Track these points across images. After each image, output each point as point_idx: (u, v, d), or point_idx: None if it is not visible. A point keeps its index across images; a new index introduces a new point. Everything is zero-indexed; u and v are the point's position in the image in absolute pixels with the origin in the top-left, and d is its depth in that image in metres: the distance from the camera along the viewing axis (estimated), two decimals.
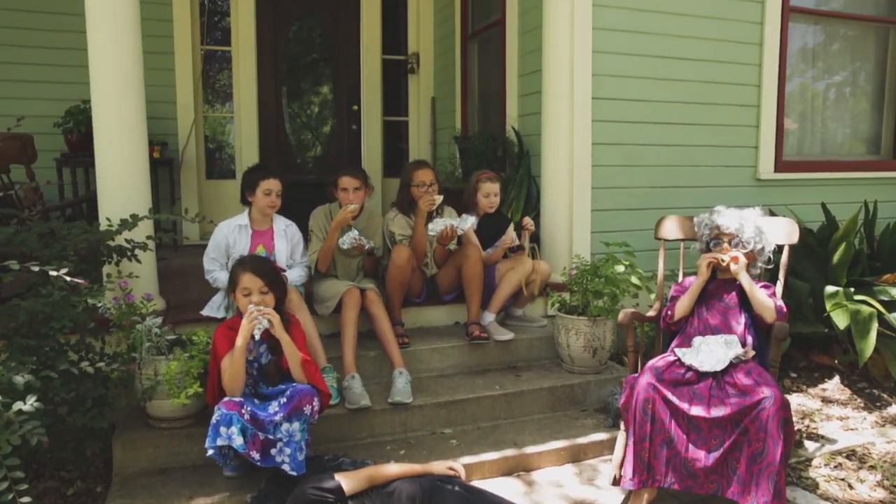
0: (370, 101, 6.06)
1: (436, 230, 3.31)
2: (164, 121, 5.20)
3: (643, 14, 4.09)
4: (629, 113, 4.11)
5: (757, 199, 4.41)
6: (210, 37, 5.62)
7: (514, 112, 4.57)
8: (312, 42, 6.16)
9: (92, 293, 2.40)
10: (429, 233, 3.36)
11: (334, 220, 3.30)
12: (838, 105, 5.05)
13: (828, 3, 4.87)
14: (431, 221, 3.36)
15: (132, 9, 2.98)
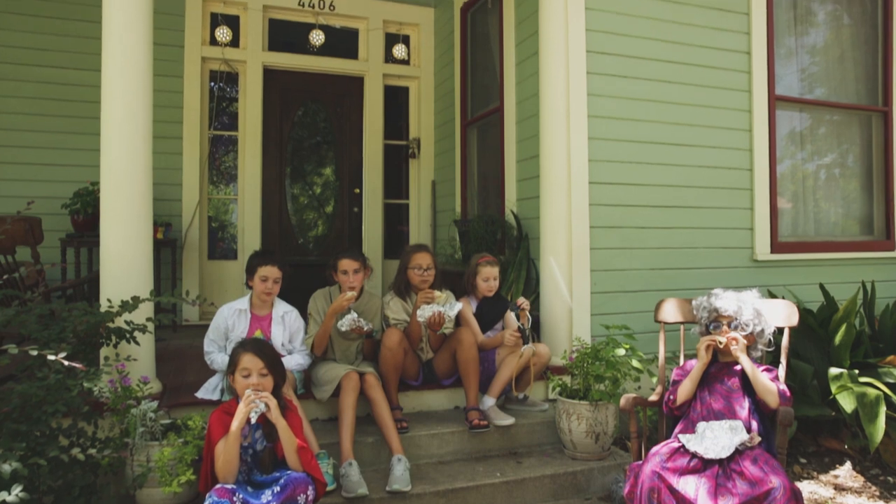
0: (371, 184, 6.20)
1: (424, 316, 3.31)
2: (170, 202, 5.31)
3: (637, 102, 4.24)
4: (626, 197, 4.19)
5: (755, 279, 4.44)
6: (217, 121, 5.82)
7: (512, 196, 4.67)
8: (316, 126, 6.37)
9: (88, 377, 2.38)
10: (417, 318, 3.36)
11: (332, 305, 3.30)
12: (829, 186, 5.17)
13: (812, 91, 5.07)
14: (420, 307, 3.37)
15: (145, 97, 3.11)
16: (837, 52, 5.14)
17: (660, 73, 4.30)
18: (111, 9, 3.07)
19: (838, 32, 5.17)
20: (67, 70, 5.10)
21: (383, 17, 6.21)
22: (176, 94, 5.45)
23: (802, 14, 5.01)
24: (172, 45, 5.42)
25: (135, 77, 3.06)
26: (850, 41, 5.17)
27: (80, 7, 5.10)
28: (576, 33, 3.99)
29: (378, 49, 6.24)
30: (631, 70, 4.21)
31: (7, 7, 5.01)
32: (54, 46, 5.09)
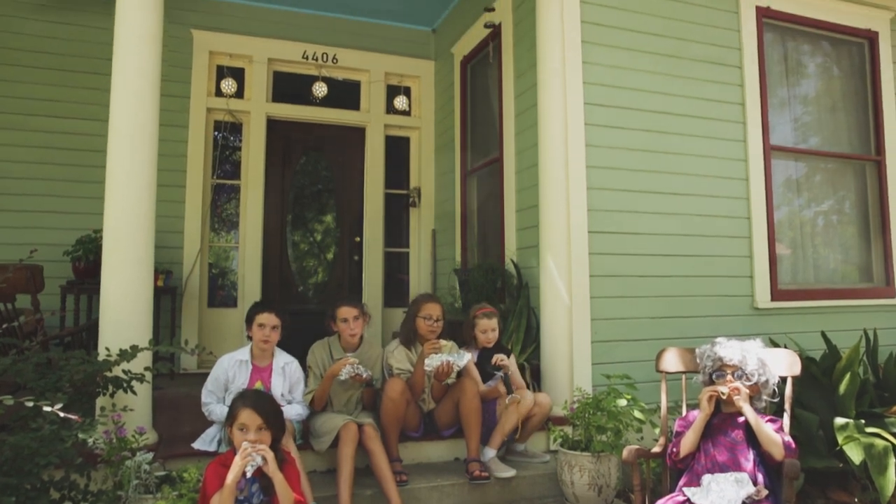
0: (372, 232, 6.24)
1: (432, 366, 3.28)
2: (171, 250, 5.33)
3: (634, 153, 4.31)
4: (625, 245, 4.22)
5: (755, 327, 4.42)
6: (220, 169, 5.89)
7: (512, 245, 4.69)
8: (318, 174, 6.45)
9: (83, 428, 2.35)
10: (424, 368, 3.33)
11: (330, 369, 3.28)
12: (827, 232, 5.20)
13: (806, 140, 5.15)
14: (428, 357, 3.34)
15: (151, 147, 3.16)
16: (829, 102, 5.25)
17: (657, 124, 4.38)
18: (122, 62, 3.15)
19: (829, 84, 5.29)
20: (74, 120, 5.19)
21: (385, 69, 6.36)
22: (180, 144, 5.54)
23: (793, 66, 5.14)
24: (179, 96, 5.54)
25: (141, 128, 3.13)
26: (841, 92, 5.28)
27: (90, 60, 5.23)
28: (573, 86, 4.08)
29: (380, 100, 6.37)
30: (628, 121, 4.30)
31: (18, 60, 5.14)
32: (63, 97, 5.20)
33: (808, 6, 4.99)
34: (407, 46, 6.45)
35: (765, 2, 4.82)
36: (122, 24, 3.20)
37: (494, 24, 4.99)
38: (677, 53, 4.51)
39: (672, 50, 4.50)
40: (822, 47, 5.26)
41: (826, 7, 5.04)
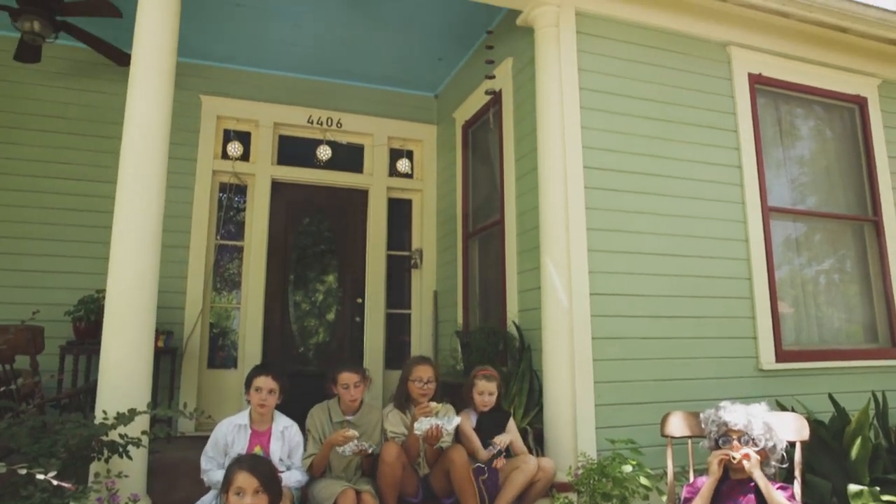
0: (374, 293, 6.23)
1: (421, 429, 3.22)
2: (172, 310, 5.32)
3: (634, 215, 4.35)
4: (627, 307, 4.21)
5: (761, 389, 4.36)
6: (224, 229, 5.95)
7: (514, 307, 4.68)
8: (321, 235, 6.50)
9: (75, 496, 2.29)
10: (414, 431, 3.28)
11: (330, 438, 3.23)
12: (830, 291, 5.18)
13: (803, 201, 5.20)
14: (417, 420, 3.29)
15: (157, 209, 3.22)
16: (824, 163, 5.34)
17: (655, 186, 4.45)
18: (133, 127, 3.24)
19: (823, 146, 5.39)
20: (82, 182, 5.28)
21: (388, 133, 6.50)
22: (185, 205, 5.61)
23: (787, 129, 5.25)
24: (186, 158, 5.65)
25: (149, 190, 3.19)
26: (835, 154, 5.38)
27: (101, 124, 5.36)
28: (573, 150, 4.16)
29: (382, 163, 6.49)
30: (627, 184, 4.36)
31: (31, 124, 5.27)
32: (73, 160, 5.30)
33: (799, 73, 5.14)
34: (410, 111, 6.62)
35: (756, 69, 4.98)
36: (134, 90, 3.30)
37: (495, 91, 5.14)
38: (674, 118, 4.62)
39: (669, 115, 4.61)
40: (814, 111, 5.40)
41: (816, 73, 5.20)
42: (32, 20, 4.48)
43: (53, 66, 5.35)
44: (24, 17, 4.48)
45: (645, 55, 4.63)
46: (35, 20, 4.49)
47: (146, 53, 3.35)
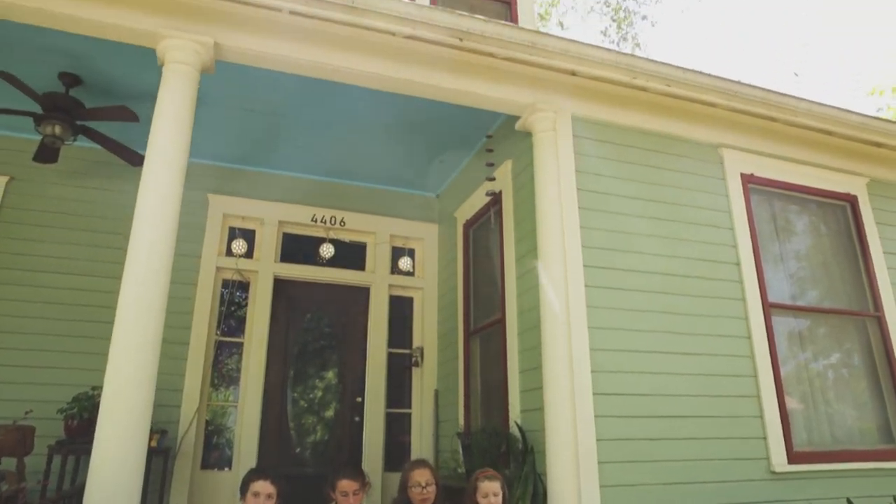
0: (374, 392, 6.13)
1: None
2: (168, 408, 5.21)
3: (635, 313, 4.35)
4: (631, 407, 4.12)
5: (774, 493, 4.21)
6: (225, 325, 5.93)
7: (516, 407, 4.59)
8: (321, 332, 6.48)
9: None
10: None
11: None
12: (839, 388, 5.06)
13: (804, 295, 5.20)
14: None
15: (159, 306, 3.22)
16: (822, 259, 5.39)
17: (655, 284, 4.48)
18: (142, 224, 3.31)
19: (820, 242, 5.46)
20: (84, 277, 5.32)
21: (390, 232, 6.62)
22: (187, 301, 5.62)
23: (783, 225, 5.34)
24: (190, 255, 5.72)
25: (153, 286, 3.22)
26: (832, 250, 5.44)
27: (108, 221, 5.47)
28: (572, 250, 4.23)
29: (384, 261, 6.56)
30: (627, 282, 4.39)
31: (38, 220, 5.39)
32: (77, 255, 5.37)
33: (790, 173, 5.29)
34: (412, 210, 6.78)
35: (748, 169, 5.14)
36: (146, 190, 3.40)
37: (495, 192, 5.28)
38: (671, 217, 4.72)
39: (666, 214, 4.71)
40: (808, 208, 5.51)
41: (806, 173, 5.35)
42: (55, 124, 4.70)
43: (68, 165, 5.53)
44: (47, 121, 4.69)
45: (640, 157, 4.79)
46: (57, 124, 4.70)
47: (159, 155, 3.48)
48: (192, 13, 3.75)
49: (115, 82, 4.80)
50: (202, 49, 3.72)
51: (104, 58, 4.45)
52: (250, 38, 3.87)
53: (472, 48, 4.14)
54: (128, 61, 4.39)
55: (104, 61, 4.53)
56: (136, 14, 3.67)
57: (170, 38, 3.67)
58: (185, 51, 3.67)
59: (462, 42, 4.07)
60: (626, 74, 4.52)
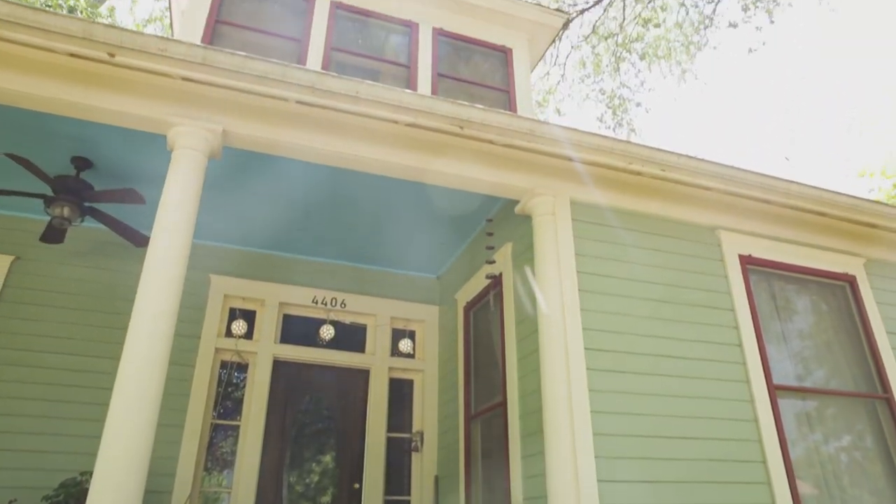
0: (372, 478, 5.94)
1: None
2: (159, 494, 5.03)
3: (637, 396, 4.28)
4: (637, 495, 3.98)
5: None
6: (221, 406, 5.82)
7: (518, 493, 4.43)
8: (320, 414, 6.36)
9: None
10: None
11: None
12: (853, 474, 4.86)
13: (810, 375, 5.10)
14: None
15: (158, 388, 3.19)
16: (825, 339, 5.35)
17: (657, 367, 4.43)
18: (144, 304, 3.33)
19: (821, 321, 5.43)
20: (79, 357, 5.27)
21: (391, 314, 6.61)
22: (184, 383, 5.55)
23: (783, 305, 5.32)
24: (189, 336, 5.69)
25: (151, 368, 3.20)
26: (834, 329, 5.40)
27: (110, 301, 5.48)
28: (573, 333, 4.21)
29: (385, 343, 6.52)
30: (629, 365, 4.35)
31: (38, 299, 5.39)
32: (74, 335, 5.35)
33: (787, 253, 5.32)
34: (413, 292, 6.79)
35: (746, 250, 5.18)
36: (149, 271, 3.44)
37: (495, 275, 5.31)
38: (671, 299, 4.72)
39: (665, 295, 4.72)
40: (808, 288, 5.50)
41: (803, 254, 5.38)
42: (64, 206, 4.81)
43: (73, 245, 5.58)
44: (56, 203, 4.80)
45: (639, 239, 4.85)
46: (66, 206, 4.81)
47: (165, 237, 3.54)
48: (203, 102, 3.91)
49: (125, 165, 4.93)
50: (211, 136, 3.85)
51: (116, 142, 4.58)
52: (258, 126, 4.01)
53: (472, 135, 4.28)
54: (138, 145, 4.52)
55: (115, 146, 4.66)
56: (149, 102, 3.83)
57: (180, 125, 3.81)
58: (195, 137, 3.80)
59: (462, 130, 4.21)
60: (622, 160, 4.65)
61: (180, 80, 3.78)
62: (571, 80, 15.98)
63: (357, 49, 6.49)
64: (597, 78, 15.72)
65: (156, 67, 3.70)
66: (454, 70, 6.71)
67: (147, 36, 3.68)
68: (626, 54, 15.09)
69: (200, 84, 3.81)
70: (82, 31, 3.55)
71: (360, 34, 6.59)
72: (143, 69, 3.71)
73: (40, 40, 3.51)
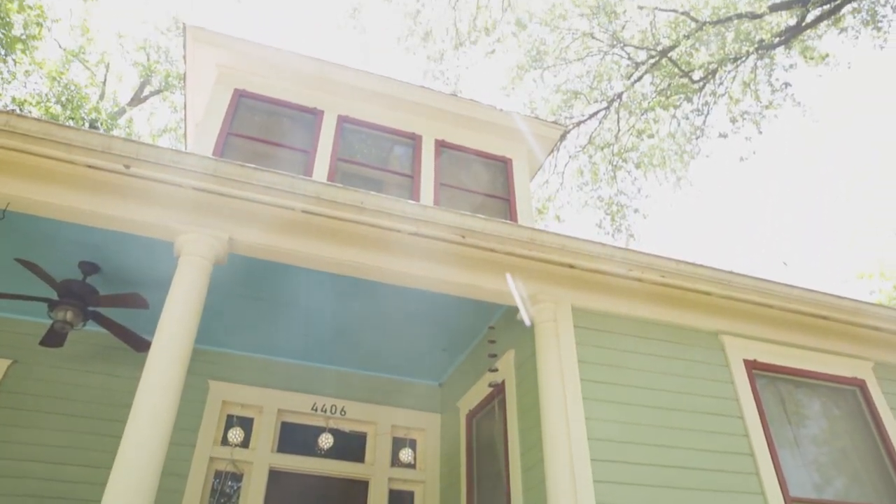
0: None
1: None
2: None
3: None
4: None
5: None
6: None
7: None
8: None
9: None
10: None
11: None
12: None
13: (829, 484, 4.91)
14: None
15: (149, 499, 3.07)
16: (839, 444, 5.18)
17: (667, 478, 4.28)
18: (140, 410, 3.28)
19: (833, 426, 5.28)
20: (69, 466, 5.10)
21: (392, 422, 6.45)
22: (176, 494, 5.33)
23: (793, 410, 5.19)
24: (185, 444, 5.53)
25: (142, 479, 3.09)
26: (848, 434, 5.24)
27: (104, 407, 5.38)
28: (578, 442, 4.12)
29: (385, 453, 6.31)
30: (637, 476, 4.21)
31: (29, 405, 5.29)
32: (65, 442, 5.21)
33: (793, 358, 5.25)
34: (414, 400, 6.65)
35: (751, 355, 5.12)
36: (149, 376, 3.42)
37: (498, 383, 5.23)
38: (677, 406, 4.63)
39: (672, 403, 4.63)
40: (818, 392, 5.39)
41: (810, 358, 5.31)
42: (67, 310, 4.83)
43: (72, 349, 5.54)
44: (60, 307, 4.83)
45: (642, 345, 4.82)
46: (70, 310, 4.84)
47: (167, 343, 3.54)
48: (211, 210, 4.03)
49: (131, 270, 4.99)
50: (217, 243, 3.94)
51: (123, 248, 4.67)
52: (263, 234, 4.11)
53: (473, 244, 4.37)
54: (144, 251, 4.60)
55: (122, 251, 4.74)
56: (160, 211, 3.94)
57: (188, 232, 3.91)
58: (202, 245, 3.89)
59: (464, 239, 4.31)
60: (622, 267, 4.71)
61: (191, 189, 3.92)
62: (570, 188, 16.47)
63: (362, 159, 6.75)
64: (595, 185, 16.20)
65: (169, 178, 3.85)
66: (456, 179, 6.94)
67: (161, 148, 3.86)
68: (623, 163, 15.63)
69: (210, 194, 3.95)
70: (102, 145, 3.73)
71: (365, 145, 6.88)
72: (156, 179, 3.86)
73: (63, 153, 3.68)
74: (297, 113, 6.62)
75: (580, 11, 15.20)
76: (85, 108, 16.28)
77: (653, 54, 14.56)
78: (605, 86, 15.49)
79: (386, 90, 6.89)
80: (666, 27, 14.71)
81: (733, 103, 14.63)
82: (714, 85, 14.52)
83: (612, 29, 14.84)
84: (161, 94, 19.60)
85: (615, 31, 14.87)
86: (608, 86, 15.48)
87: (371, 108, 6.86)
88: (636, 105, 14.79)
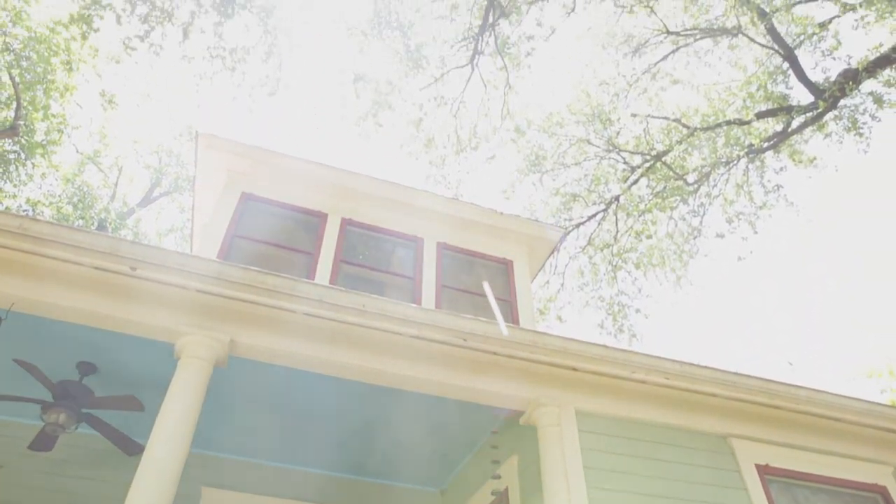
0: None
1: None
2: None
3: None
4: None
5: None
6: None
7: None
8: None
9: None
10: None
11: None
12: None
13: None
14: None
15: None
16: None
17: None
18: None
19: None
20: None
21: None
22: None
23: None
24: None
25: None
26: None
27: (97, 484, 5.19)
28: None
29: None
30: None
31: None
32: None
33: (808, 462, 5.05)
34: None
35: (763, 460, 4.93)
36: (141, 481, 3.31)
37: (501, 491, 5.04)
38: None
39: None
40: (837, 499, 5.09)
41: (825, 463, 5.09)
42: (60, 413, 4.72)
43: (61, 453, 5.37)
44: (53, 409, 4.73)
45: (649, 450, 4.68)
46: (63, 413, 4.73)
47: (161, 447, 3.46)
48: (214, 313, 4.05)
49: (129, 371, 4.93)
50: (218, 345, 3.93)
51: (122, 349, 4.64)
52: (265, 337, 4.11)
53: (475, 347, 4.35)
54: (143, 352, 4.56)
55: (122, 352, 4.71)
56: (162, 312, 3.97)
57: (190, 334, 3.91)
58: (202, 347, 3.88)
59: (466, 342, 4.30)
60: (625, 369, 4.66)
61: (195, 292, 3.96)
62: (571, 289, 16.51)
63: (365, 261, 6.83)
64: (595, 286, 16.25)
65: (173, 280, 3.90)
66: (457, 281, 6.99)
67: (167, 251, 3.94)
68: (622, 263, 15.76)
69: (214, 296, 3.98)
70: (109, 247, 3.81)
71: (367, 247, 6.98)
72: (161, 281, 3.91)
73: (71, 255, 3.76)
74: (301, 216, 6.77)
75: (576, 119, 15.86)
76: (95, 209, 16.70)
77: (647, 158, 15.04)
78: (602, 188, 15.90)
79: (389, 194, 7.08)
80: (659, 132, 15.29)
81: (728, 204, 14.96)
82: (708, 187, 14.90)
83: (607, 135, 15.43)
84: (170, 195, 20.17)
85: (610, 137, 15.45)
86: (605, 188, 15.89)
87: (374, 212, 7.03)
88: (633, 206, 15.11)
